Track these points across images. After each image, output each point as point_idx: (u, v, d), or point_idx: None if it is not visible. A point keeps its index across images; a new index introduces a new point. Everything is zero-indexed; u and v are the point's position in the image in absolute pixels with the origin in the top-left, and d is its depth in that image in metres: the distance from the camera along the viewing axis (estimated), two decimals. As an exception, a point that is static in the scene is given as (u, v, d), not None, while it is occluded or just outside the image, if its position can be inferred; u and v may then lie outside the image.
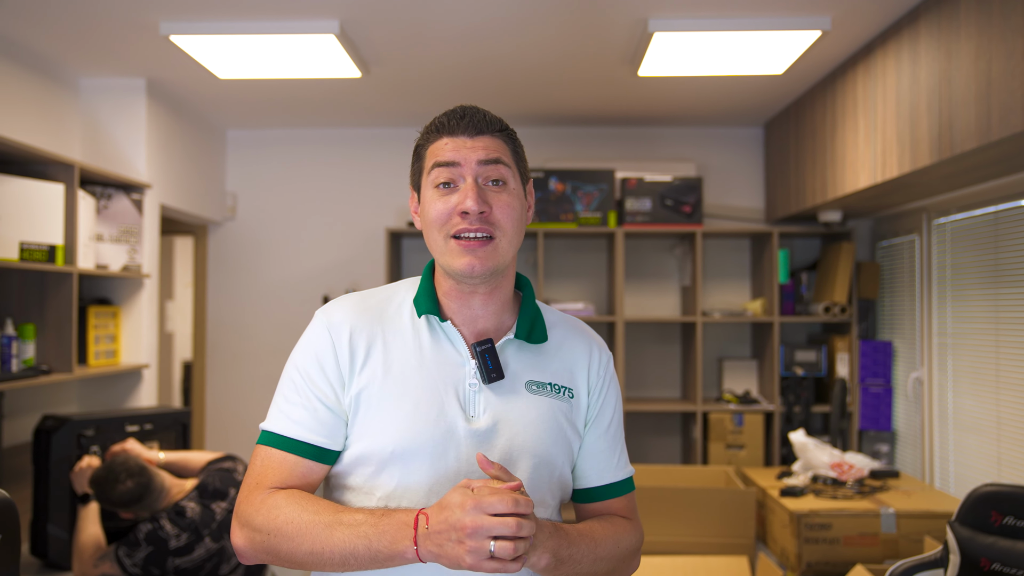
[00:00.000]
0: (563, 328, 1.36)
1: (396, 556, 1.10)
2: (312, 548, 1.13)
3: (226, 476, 2.69)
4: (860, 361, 3.95)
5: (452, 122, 1.25)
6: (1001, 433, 3.06)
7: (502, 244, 1.23)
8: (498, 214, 1.22)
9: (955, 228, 3.41)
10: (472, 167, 1.23)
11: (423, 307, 1.27)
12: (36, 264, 2.79)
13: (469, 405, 1.24)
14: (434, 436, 1.20)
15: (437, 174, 1.24)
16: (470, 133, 1.24)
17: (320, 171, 4.52)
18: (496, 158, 1.24)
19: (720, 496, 3.18)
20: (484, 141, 1.24)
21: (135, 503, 2.60)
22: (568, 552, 1.18)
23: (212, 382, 4.51)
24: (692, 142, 4.45)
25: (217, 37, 2.95)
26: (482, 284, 1.25)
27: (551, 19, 2.90)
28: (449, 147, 1.24)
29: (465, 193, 1.21)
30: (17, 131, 3.08)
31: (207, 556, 2.54)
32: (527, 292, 1.34)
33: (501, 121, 1.28)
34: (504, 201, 1.23)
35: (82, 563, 2.53)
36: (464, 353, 1.26)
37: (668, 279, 4.45)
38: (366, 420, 1.21)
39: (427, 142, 1.28)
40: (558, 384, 1.29)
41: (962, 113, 2.42)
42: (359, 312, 1.28)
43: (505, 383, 1.25)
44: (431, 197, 1.25)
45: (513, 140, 1.29)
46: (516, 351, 1.29)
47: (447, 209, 1.22)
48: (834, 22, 2.87)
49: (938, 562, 2.09)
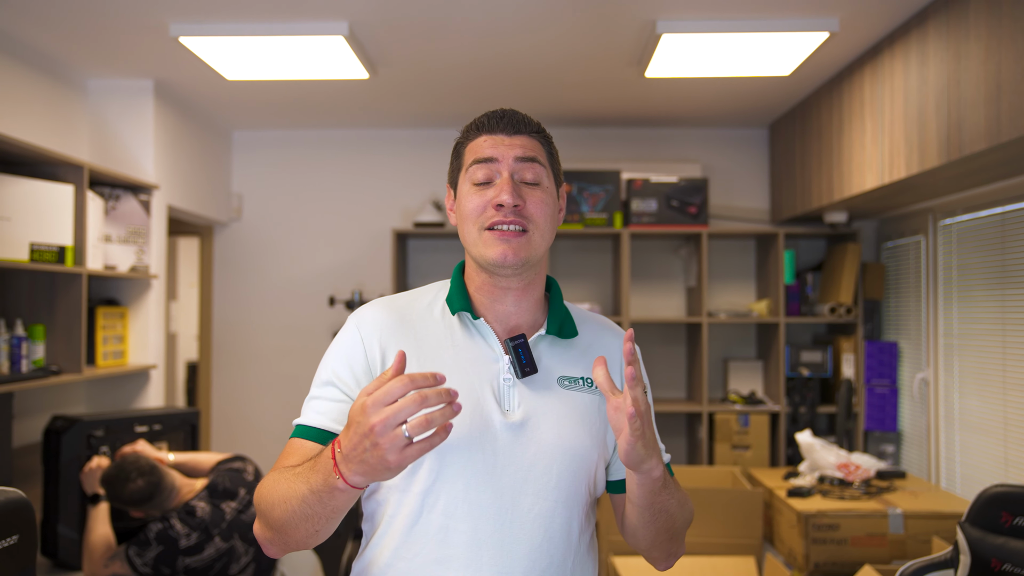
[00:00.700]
0: (592, 324, 1.39)
1: (331, 489, 1.08)
2: (281, 506, 1.14)
3: (236, 476, 2.70)
4: (866, 362, 3.96)
5: (492, 121, 1.30)
6: (1008, 434, 3.06)
7: (535, 237, 1.27)
8: (532, 208, 1.27)
9: (961, 229, 3.41)
10: (509, 163, 1.27)
11: (456, 305, 1.30)
12: (46, 265, 2.80)
13: (504, 399, 1.25)
14: (471, 430, 1.22)
15: (475, 170, 1.28)
16: (508, 132, 1.29)
17: (326, 172, 4.53)
18: (532, 156, 1.28)
19: (727, 496, 3.18)
20: (521, 140, 1.29)
21: (146, 502, 2.60)
22: (666, 480, 1.21)
23: (218, 383, 4.52)
24: (698, 143, 4.46)
25: (226, 39, 2.96)
26: (515, 278, 1.28)
27: (559, 21, 2.90)
28: (488, 144, 1.29)
29: (501, 187, 1.25)
30: (26, 132, 3.09)
31: (217, 555, 2.55)
32: (555, 291, 1.37)
33: (539, 124, 1.33)
34: (538, 197, 1.28)
35: (92, 563, 2.54)
36: (497, 349, 1.28)
37: (674, 280, 4.46)
38: None
39: (466, 140, 1.32)
40: (590, 379, 1.31)
41: (971, 114, 2.43)
42: (390, 311, 1.31)
43: (538, 378, 1.28)
44: (468, 192, 1.29)
45: (549, 143, 1.34)
46: (548, 347, 1.32)
47: (483, 202, 1.27)
48: (842, 23, 2.88)
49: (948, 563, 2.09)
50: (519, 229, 1.25)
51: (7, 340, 2.78)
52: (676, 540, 1.31)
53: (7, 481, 2.71)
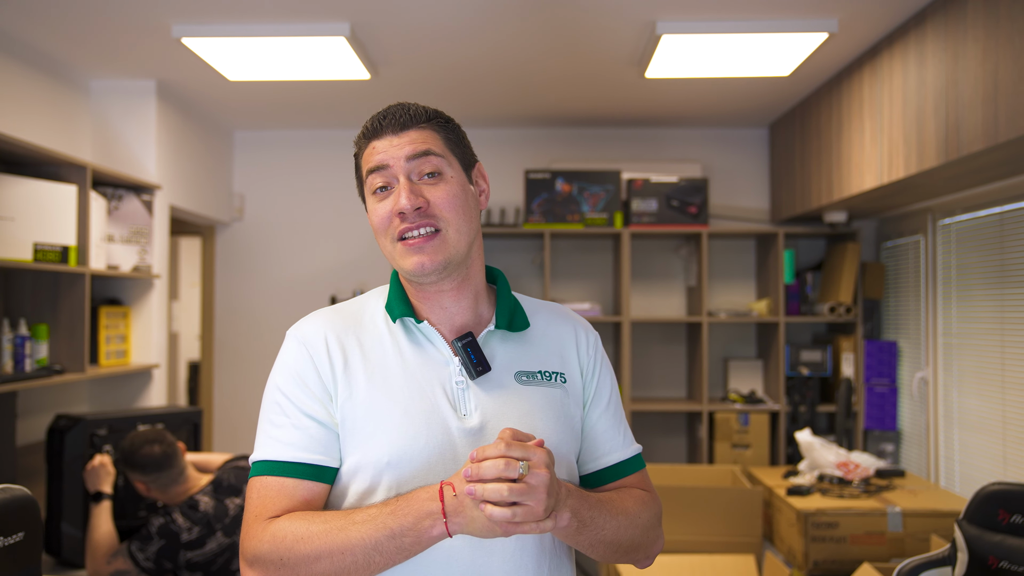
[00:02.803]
0: (545, 313, 1.32)
1: (423, 538, 1.06)
2: (331, 558, 1.07)
3: (241, 473, 2.72)
4: (865, 361, 3.97)
5: (375, 124, 1.22)
6: (1006, 432, 3.07)
7: (450, 235, 1.19)
8: (438, 205, 1.18)
9: (960, 229, 3.42)
10: (401, 165, 1.19)
11: (397, 311, 1.23)
12: (49, 265, 2.81)
13: (459, 404, 1.19)
14: (428, 440, 1.15)
15: (372, 180, 1.22)
16: (395, 130, 1.20)
17: (327, 172, 4.54)
18: (425, 150, 1.19)
19: (727, 495, 3.20)
20: (410, 135, 1.20)
21: (154, 470, 2.60)
22: (589, 514, 1.14)
23: (220, 382, 4.53)
24: (698, 143, 4.47)
25: (228, 39, 2.97)
26: (443, 280, 1.21)
27: (560, 21, 2.92)
28: (378, 150, 1.21)
29: (398, 193, 1.18)
30: (29, 132, 3.11)
31: (219, 550, 2.56)
32: (501, 282, 1.31)
33: (428, 110, 1.23)
34: (441, 191, 1.19)
35: (95, 560, 2.55)
36: (446, 352, 1.22)
37: (674, 279, 4.47)
38: (354, 431, 1.17)
39: (360, 151, 1.25)
40: (548, 371, 1.25)
41: (969, 115, 2.44)
42: (331, 323, 1.24)
43: (493, 377, 1.21)
44: (372, 205, 1.23)
45: (445, 127, 1.24)
46: (500, 342, 1.25)
47: (387, 213, 1.20)
48: (841, 24, 2.89)
49: (946, 560, 2.11)
50: (430, 231, 1.18)
51: (11, 339, 2.79)
52: (636, 550, 1.26)
53: (11, 479, 2.73)
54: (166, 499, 2.66)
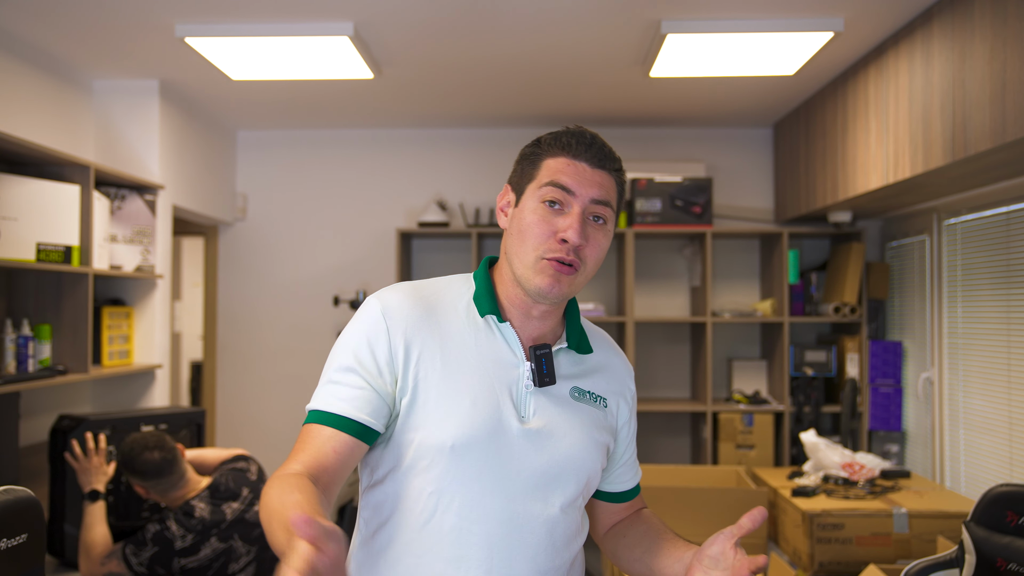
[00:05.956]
0: (603, 343, 1.43)
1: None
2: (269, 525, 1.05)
3: (239, 476, 2.70)
4: (870, 361, 3.96)
5: (579, 146, 1.27)
6: (1013, 433, 3.06)
7: (580, 278, 1.27)
8: (590, 251, 1.26)
9: (966, 228, 3.41)
10: (584, 201, 1.25)
11: (486, 308, 1.29)
12: (52, 265, 2.80)
13: (521, 406, 1.27)
14: (490, 435, 1.22)
15: (549, 191, 1.26)
16: (592, 164, 1.27)
17: (330, 172, 4.53)
18: (607, 200, 1.27)
19: (732, 496, 3.19)
20: (602, 176, 1.27)
21: (154, 476, 2.58)
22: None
23: (222, 382, 4.53)
24: (702, 143, 4.46)
25: (231, 39, 2.96)
26: (549, 304, 1.30)
27: (564, 22, 2.91)
28: (569, 170, 1.26)
29: (571, 222, 1.24)
30: (32, 132, 3.10)
31: (214, 556, 2.55)
32: (573, 307, 1.39)
33: (619, 160, 1.31)
34: (599, 240, 1.27)
35: (89, 561, 2.53)
36: (520, 355, 1.29)
37: (678, 279, 4.46)
38: (424, 411, 1.22)
39: (545, 153, 1.29)
40: (597, 394, 1.35)
41: (976, 114, 2.43)
42: (415, 300, 1.29)
43: (552, 388, 1.30)
44: (534, 209, 1.26)
45: (622, 181, 1.32)
46: (565, 359, 1.34)
47: (550, 229, 1.25)
48: (847, 23, 2.88)
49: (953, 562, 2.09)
50: (572, 267, 1.25)
51: (14, 340, 2.79)
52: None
53: (14, 480, 2.72)
54: (166, 502, 2.65)
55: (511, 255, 1.29)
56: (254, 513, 2.64)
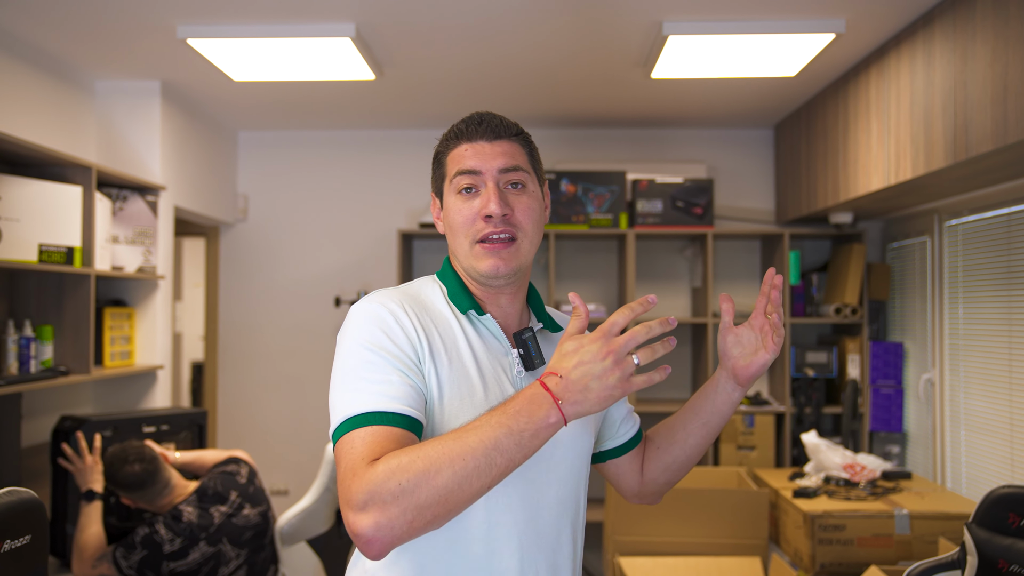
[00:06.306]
0: (564, 319, 1.48)
1: (540, 428, 1.06)
2: (452, 466, 1.03)
3: (228, 479, 2.70)
4: (871, 362, 3.96)
5: (471, 128, 1.30)
6: (1014, 434, 3.06)
7: (523, 245, 1.29)
8: (519, 216, 1.28)
9: (967, 230, 3.41)
10: (493, 173, 1.28)
11: (465, 304, 1.31)
12: (54, 266, 2.81)
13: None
14: None
15: (459, 180, 1.29)
16: (488, 138, 1.30)
17: (332, 173, 4.54)
18: (515, 165, 1.29)
19: (733, 497, 3.19)
20: (503, 146, 1.30)
21: (137, 488, 2.60)
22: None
23: (223, 383, 4.53)
24: (703, 144, 4.46)
25: (233, 40, 2.97)
26: (507, 284, 1.31)
27: (565, 22, 2.91)
28: (469, 153, 1.29)
29: (488, 197, 1.26)
30: (34, 133, 3.10)
31: (203, 560, 2.55)
32: (532, 288, 1.42)
33: (517, 125, 1.34)
34: (525, 203, 1.29)
35: (82, 562, 2.54)
36: (506, 344, 1.31)
37: (679, 280, 4.46)
38: (443, 402, 1.22)
39: (447, 149, 1.33)
40: None
41: (978, 116, 2.43)
42: (407, 299, 1.28)
43: (539, 369, 1.31)
44: (454, 203, 1.30)
45: (529, 144, 1.35)
46: (542, 340, 1.38)
47: (471, 214, 1.28)
48: (848, 25, 2.88)
49: (955, 563, 2.09)
50: (509, 238, 1.27)
51: (16, 341, 2.79)
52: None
53: (16, 481, 2.72)
54: (153, 509, 2.66)
55: (455, 253, 1.32)
56: (243, 517, 2.64)
